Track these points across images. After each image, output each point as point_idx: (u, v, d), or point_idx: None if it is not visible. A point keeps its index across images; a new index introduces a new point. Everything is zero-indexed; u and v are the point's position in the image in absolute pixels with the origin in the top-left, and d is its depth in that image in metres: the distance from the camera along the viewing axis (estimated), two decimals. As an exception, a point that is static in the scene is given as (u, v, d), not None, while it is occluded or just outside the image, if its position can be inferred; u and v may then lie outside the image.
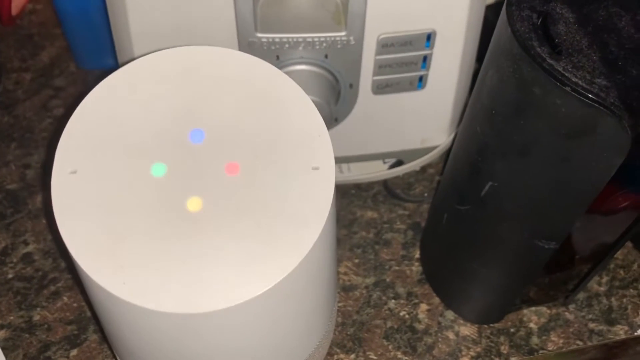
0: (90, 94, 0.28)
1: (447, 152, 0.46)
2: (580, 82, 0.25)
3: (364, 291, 0.41)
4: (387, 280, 0.42)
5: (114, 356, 0.38)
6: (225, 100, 0.28)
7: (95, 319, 0.40)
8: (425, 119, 0.42)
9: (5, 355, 0.37)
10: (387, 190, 0.46)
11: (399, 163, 0.46)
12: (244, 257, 0.25)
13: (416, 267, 0.43)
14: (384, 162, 0.46)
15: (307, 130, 0.27)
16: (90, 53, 0.51)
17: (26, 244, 0.43)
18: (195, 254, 0.25)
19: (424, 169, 0.47)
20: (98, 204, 0.26)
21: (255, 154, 0.27)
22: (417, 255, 0.43)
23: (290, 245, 0.25)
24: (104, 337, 0.39)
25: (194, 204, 0.26)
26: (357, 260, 0.43)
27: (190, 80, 0.28)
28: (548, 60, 0.25)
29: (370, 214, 0.45)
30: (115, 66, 0.28)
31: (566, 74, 0.25)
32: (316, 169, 0.27)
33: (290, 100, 0.28)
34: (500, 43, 0.28)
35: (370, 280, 0.42)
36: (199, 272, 0.25)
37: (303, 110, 0.28)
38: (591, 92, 0.24)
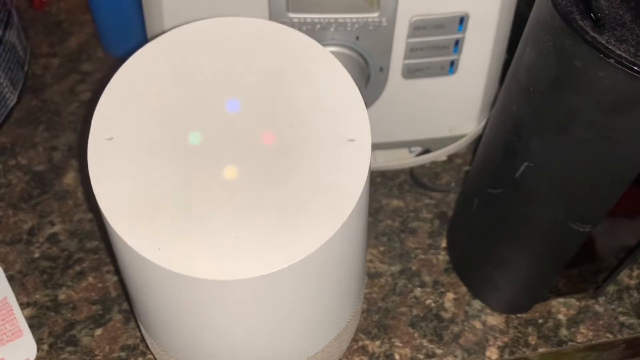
0: (126, 63, 0.28)
1: (475, 142, 0.45)
2: (624, 54, 0.24)
3: (390, 279, 0.41)
4: (413, 268, 0.42)
5: (140, 331, 0.38)
6: (261, 70, 0.27)
7: (125, 293, 0.39)
8: (455, 106, 0.42)
9: (32, 333, 0.37)
10: (414, 179, 0.46)
11: (425, 152, 0.46)
12: (279, 226, 0.25)
13: (442, 256, 0.42)
14: (410, 151, 0.46)
15: (344, 102, 0.27)
16: (118, 39, 0.51)
17: (52, 224, 0.43)
18: (230, 221, 0.25)
19: (450, 158, 0.47)
20: (134, 171, 0.25)
21: (291, 124, 0.27)
22: (444, 244, 0.43)
23: (325, 215, 0.25)
24: (129, 317, 0.39)
25: (230, 172, 0.26)
26: (382, 248, 0.42)
27: (227, 51, 0.28)
28: (591, 33, 0.25)
29: (396, 202, 0.45)
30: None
31: (609, 47, 0.25)
32: (352, 140, 0.26)
33: (326, 72, 0.27)
34: (539, 19, 0.28)
35: (395, 268, 0.41)
36: (233, 239, 0.25)
37: (339, 82, 0.27)
38: (636, 65, 0.24)
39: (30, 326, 0.38)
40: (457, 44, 0.38)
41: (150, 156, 0.26)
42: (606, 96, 0.25)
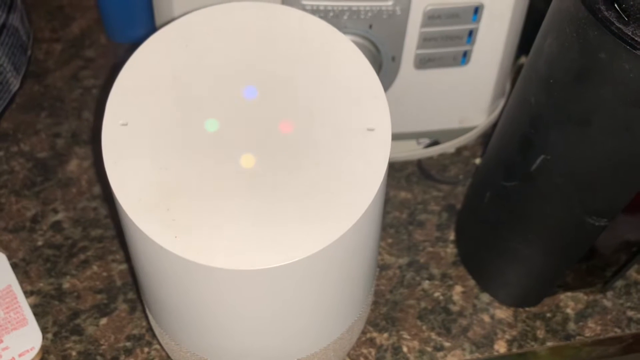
0: (140, 47, 0.27)
1: (483, 135, 0.45)
2: (650, 46, 0.24)
3: (397, 271, 0.41)
4: (421, 261, 0.41)
5: (147, 321, 0.37)
6: (279, 57, 0.27)
7: (134, 282, 0.39)
8: (466, 97, 0.41)
9: (36, 321, 0.37)
10: (422, 171, 0.45)
11: (433, 144, 0.45)
12: (297, 216, 0.24)
13: (451, 249, 0.42)
14: (418, 143, 0.46)
15: (363, 91, 0.26)
16: (122, 25, 0.51)
17: (56, 212, 0.42)
18: (247, 211, 0.24)
19: (459, 151, 0.46)
20: (149, 157, 0.25)
21: (310, 112, 0.26)
22: (452, 237, 0.42)
23: (344, 206, 0.25)
24: (135, 306, 0.38)
25: (247, 160, 0.25)
26: (390, 240, 0.42)
27: (243, 36, 0.27)
28: (616, 24, 0.25)
29: (403, 194, 0.44)
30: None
31: (636, 38, 0.24)
32: (371, 130, 0.26)
33: (346, 60, 0.27)
34: (562, 9, 0.27)
35: (403, 261, 0.41)
36: (250, 229, 0.24)
37: (359, 71, 0.27)
38: (663, 57, 0.24)
39: (35, 314, 0.37)
40: (471, 34, 0.37)
41: (165, 142, 0.25)
42: (631, 88, 0.25)
